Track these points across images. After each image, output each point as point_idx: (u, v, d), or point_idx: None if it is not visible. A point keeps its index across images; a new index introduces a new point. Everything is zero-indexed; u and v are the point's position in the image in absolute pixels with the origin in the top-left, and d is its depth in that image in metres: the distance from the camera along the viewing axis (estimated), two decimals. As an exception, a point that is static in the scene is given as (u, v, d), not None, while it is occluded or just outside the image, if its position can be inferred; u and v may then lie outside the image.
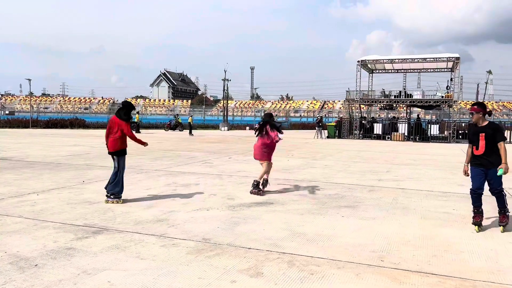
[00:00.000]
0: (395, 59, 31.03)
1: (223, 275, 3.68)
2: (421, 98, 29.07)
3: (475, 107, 5.29)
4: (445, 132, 27.86)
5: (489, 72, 50.11)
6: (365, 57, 31.31)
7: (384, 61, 31.33)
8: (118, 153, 6.57)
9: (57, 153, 14.14)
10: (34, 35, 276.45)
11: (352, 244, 4.63)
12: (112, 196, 6.47)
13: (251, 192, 7.39)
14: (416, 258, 4.21)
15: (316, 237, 4.89)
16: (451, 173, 10.85)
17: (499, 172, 5.04)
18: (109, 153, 6.64)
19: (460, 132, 27.73)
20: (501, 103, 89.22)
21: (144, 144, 6.79)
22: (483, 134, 5.15)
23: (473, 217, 5.34)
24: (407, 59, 30.80)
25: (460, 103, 79.73)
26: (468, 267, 4.01)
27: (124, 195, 6.61)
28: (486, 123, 5.25)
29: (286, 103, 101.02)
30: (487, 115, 5.24)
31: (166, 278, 3.58)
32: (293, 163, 12.45)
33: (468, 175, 5.41)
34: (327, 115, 66.24)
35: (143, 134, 25.80)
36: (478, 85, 40.78)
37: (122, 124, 6.50)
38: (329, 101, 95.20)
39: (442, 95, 29.28)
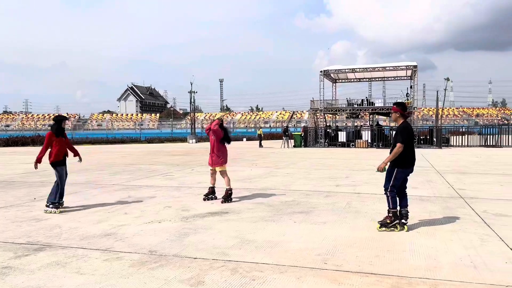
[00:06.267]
0: (356, 69, 31.87)
1: (163, 286, 3.62)
2: (382, 105, 29.92)
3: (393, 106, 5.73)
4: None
5: (447, 79, 52.18)
6: (328, 67, 32.04)
7: (346, 70, 32.13)
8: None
9: (13, 171, 13.63)
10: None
11: (299, 249, 4.67)
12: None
13: (223, 202, 7.53)
14: (359, 259, 4.29)
15: (265, 243, 4.90)
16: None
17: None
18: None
19: (421, 138, 28.82)
20: (461, 109, 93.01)
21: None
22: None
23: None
24: (368, 68, 31.68)
25: (423, 110, 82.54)
26: (407, 265, 4.12)
27: (75, 210, 6.43)
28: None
29: (256, 114, 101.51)
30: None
31: (103, 292, 3.49)
32: (255, 172, 12.49)
33: None
34: (295, 125, 66.93)
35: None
36: (437, 92, 42.27)
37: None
38: (297, 111, 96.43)
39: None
